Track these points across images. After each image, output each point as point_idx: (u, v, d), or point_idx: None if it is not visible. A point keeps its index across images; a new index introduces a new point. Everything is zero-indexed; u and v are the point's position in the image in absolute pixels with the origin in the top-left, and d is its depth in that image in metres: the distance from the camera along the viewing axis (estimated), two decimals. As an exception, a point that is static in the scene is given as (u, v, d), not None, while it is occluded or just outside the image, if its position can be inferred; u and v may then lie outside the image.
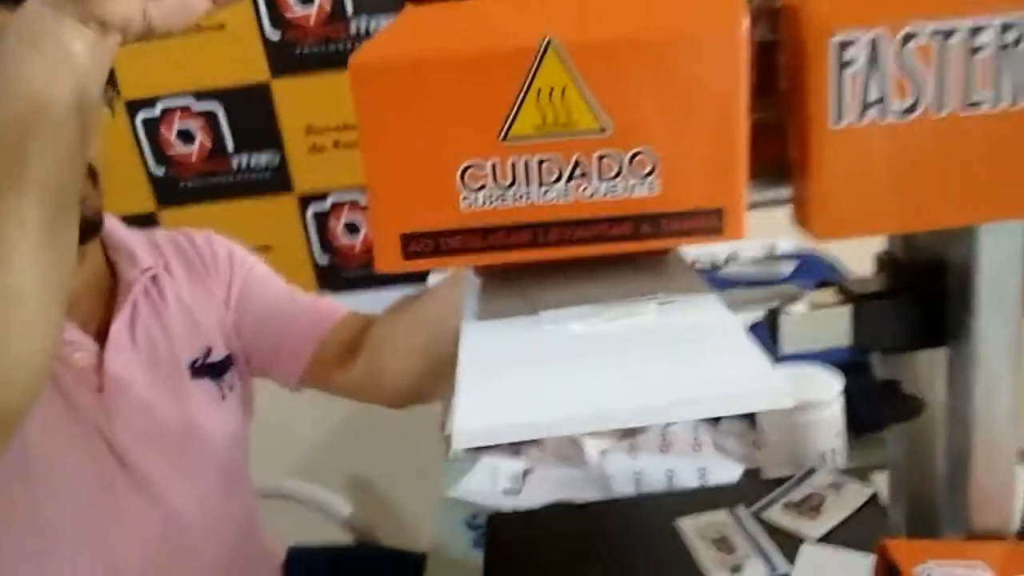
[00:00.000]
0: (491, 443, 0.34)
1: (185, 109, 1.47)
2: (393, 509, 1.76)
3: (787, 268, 1.17)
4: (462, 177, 0.37)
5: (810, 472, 0.74)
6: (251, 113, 1.47)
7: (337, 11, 1.40)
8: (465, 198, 0.38)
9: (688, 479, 0.81)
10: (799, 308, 0.48)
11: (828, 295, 0.50)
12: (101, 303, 0.82)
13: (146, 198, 1.52)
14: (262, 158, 1.49)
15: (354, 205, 1.52)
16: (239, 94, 1.45)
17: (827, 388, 0.78)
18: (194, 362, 0.84)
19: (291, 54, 1.43)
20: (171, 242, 0.89)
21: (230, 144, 1.49)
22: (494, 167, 0.37)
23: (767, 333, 0.52)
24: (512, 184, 0.38)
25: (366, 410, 1.56)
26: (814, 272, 1.15)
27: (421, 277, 1.28)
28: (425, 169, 0.38)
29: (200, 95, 1.46)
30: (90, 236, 0.76)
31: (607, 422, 0.34)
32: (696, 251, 1.36)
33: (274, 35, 1.42)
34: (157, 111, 1.46)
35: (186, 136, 1.49)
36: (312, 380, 0.90)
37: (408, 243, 0.39)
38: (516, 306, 0.43)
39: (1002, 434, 0.46)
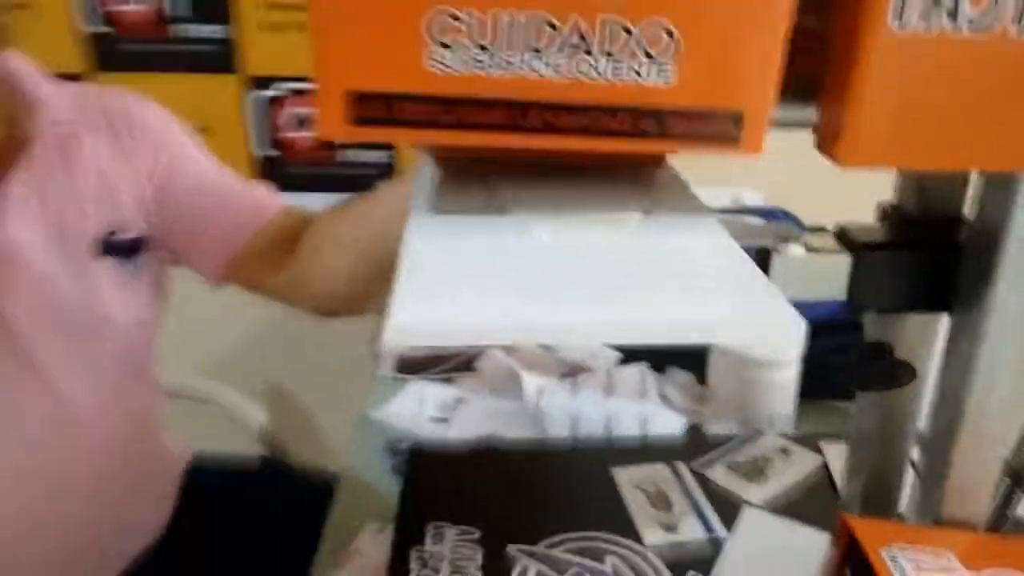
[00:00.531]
0: (425, 343, 0.27)
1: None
2: (310, 425, 1.70)
3: (756, 221, 1.12)
4: (430, 28, 0.30)
5: (757, 433, 0.70)
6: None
7: None
8: (432, 56, 0.30)
9: (628, 427, 0.76)
10: (795, 250, 0.42)
11: (826, 240, 0.44)
12: (4, 152, 0.71)
13: (76, 57, 1.37)
14: (206, 29, 1.36)
15: (308, 95, 1.41)
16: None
17: (787, 347, 0.73)
18: (104, 237, 0.75)
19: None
20: (101, 103, 0.78)
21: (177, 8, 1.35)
22: (473, 19, 0.30)
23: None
24: (492, 44, 0.30)
25: (293, 316, 1.48)
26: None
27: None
28: (385, 11, 0.30)
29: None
30: None
31: (564, 335, 0.28)
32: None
33: None
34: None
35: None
36: (235, 277, 0.81)
37: (357, 104, 0.31)
38: (477, 203, 0.36)
39: (995, 423, 0.41)
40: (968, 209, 0.44)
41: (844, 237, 0.43)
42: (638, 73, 0.30)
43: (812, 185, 0.85)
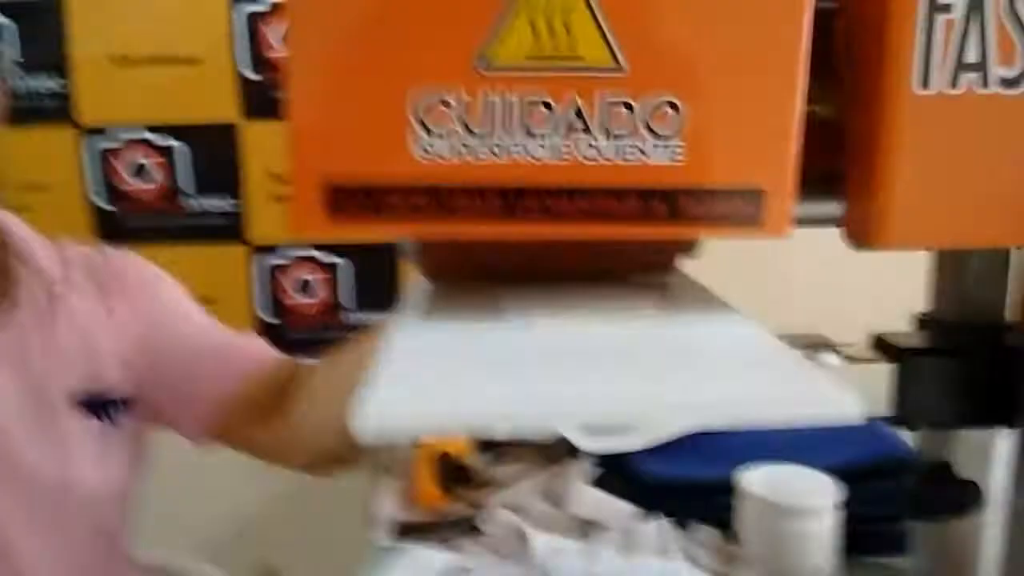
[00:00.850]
0: (401, 429, 0.23)
1: (143, 142, 1.37)
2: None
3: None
4: (420, 114, 0.28)
5: (800, 593, 0.62)
6: (214, 154, 1.37)
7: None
8: (422, 144, 0.28)
9: (653, 591, 0.68)
10: (830, 360, 0.38)
11: (861, 349, 0.40)
12: None
13: (84, 231, 1.40)
14: (217, 202, 1.39)
15: (311, 261, 1.41)
16: (204, 132, 1.37)
17: (823, 494, 0.67)
18: (77, 393, 0.71)
19: (266, 96, 1.35)
20: (82, 257, 0.77)
21: (187, 185, 1.39)
22: (464, 104, 0.28)
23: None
24: (488, 130, 0.28)
25: (283, 487, 1.40)
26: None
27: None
28: (370, 98, 0.28)
29: (159, 129, 1.37)
30: None
31: (567, 419, 0.23)
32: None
33: (251, 74, 1.35)
34: (114, 142, 1.37)
35: (140, 171, 1.38)
36: (222, 434, 0.76)
37: (336, 197, 0.28)
38: (471, 307, 0.33)
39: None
40: (1009, 313, 0.40)
41: (882, 344, 0.39)
42: (643, 152, 0.28)
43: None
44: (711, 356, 0.28)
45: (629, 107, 0.28)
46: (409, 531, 0.85)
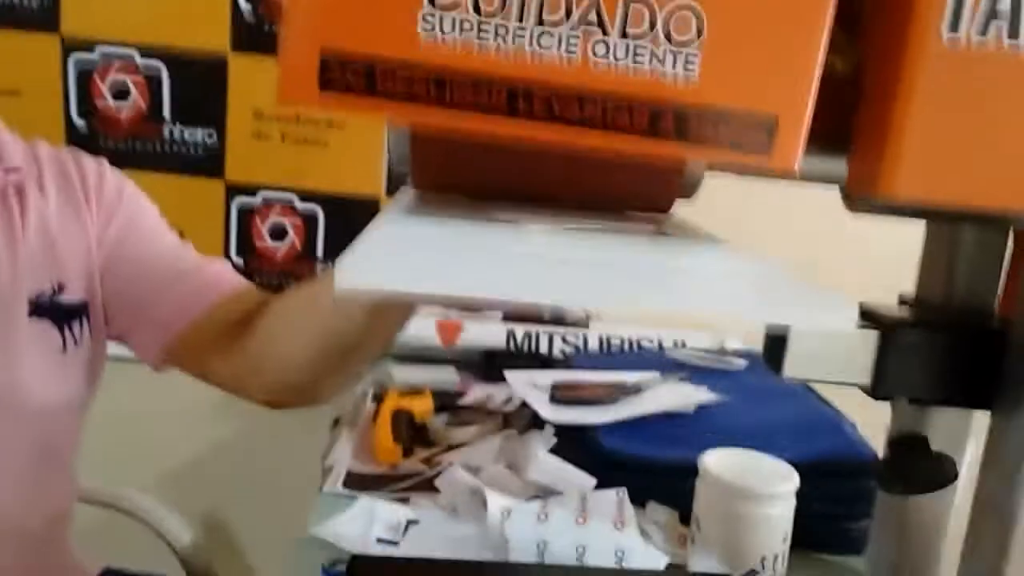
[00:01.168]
0: (380, 287, 0.21)
1: (128, 60, 1.33)
2: (242, 546, 1.55)
3: (740, 363, 1.07)
4: (427, -9, 0.26)
5: (751, 573, 0.61)
6: (198, 82, 1.34)
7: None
8: (426, 22, 0.26)
9: (602, 560, 0.67)
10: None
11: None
12: None
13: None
14: (198, 133, 1.36)
15: (286, 206, 1.38)
16: (190, 57, 1.33)
17: (782, 482, 0.66)
18: (38, 296, 0.68)
19: (258, 31, 1.32)
20: (54, 157, 0.74)
21: (167, 111, 1.35)
22: (477, -19, 0.26)
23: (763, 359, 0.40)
24: (498, 15, 0.26)
25: (236, 418, 1.38)
26: (768, 374, 1.06)
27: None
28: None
29: (146, 53, 1.33)
30: None
31: (546, 294, 0.22)
32: (640, 331, 1.26)
33: (247, 10, 1.31)
34: (95, 56, 1.32)
35: (121, 93, 1.34)
36: (180, 359, 0.74)
37: (328, 67, 0.27)
38: (464, 209, 0.31)
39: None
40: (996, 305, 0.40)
41: (869, 315, 0.38)
42: (658, 60, 0.26)
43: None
44: (708, 271, 0.27)
45: (651, 11, 0.26)
46: (363, 483, 0.84)
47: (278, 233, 1.39)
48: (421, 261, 0.23)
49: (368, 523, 0.76)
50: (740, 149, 0.27)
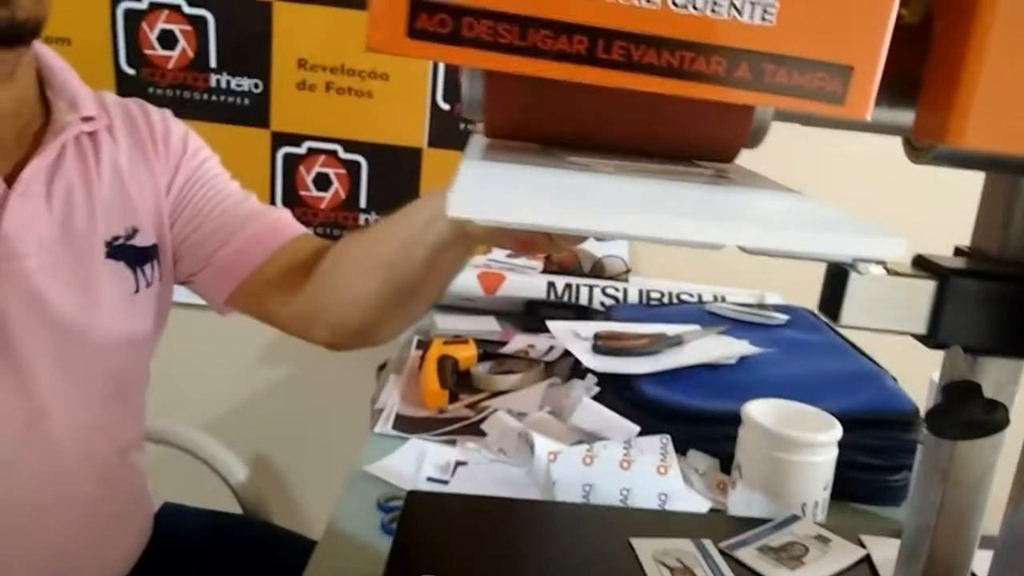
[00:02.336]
0: (495, 216, 0.23)
1: (175, 9, 1.34)
2: (295, 484, 1.61)
3: (781, 317, 1.08)
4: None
5: (792, 519, 0.63)
6: (244, 30, 1.35)
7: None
8: (511, -32, 0.27)
9: (646, 502, 0.69)
10: (876, 270, 0.37)
11: (904, 265, 0.40)
12: (23, 141, 0.68)
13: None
14: (244, 83, 1.37)
15: (331, 156, 1.40)
16: (236, 5, 1.34)
17: (824, 428, 0.67)
18: (114, 240, 0.71)
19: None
20: (121, 106, 0.76)
21: (213, 60, 1.37)
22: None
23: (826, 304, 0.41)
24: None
25: (287, 363, 1.42)
26: (809, 329, 1.06)
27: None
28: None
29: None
30: (16, 42, 0.63)
31: (648, 228, 0.23)
32: (679, 285, 1.27)
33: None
34: (143, 3, 1.34)
35: (168, 39, 1.36)
36: (244, 302, 0.77)
37: (418, 14, 0.28)
38: (537, 154, 0.32)
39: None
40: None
41: (924, 263, 0.39)
42: (738, 9, 0.27)
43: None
44: (764, 209, 0.28)
45: (732, -44, 0.27)
46: (411, 425, 0.86)
47: (322, 183, 1.41)
48: (519, 195, 0.25)
49: (418, 462, 0.78)
50: (815, 97, 0.28)
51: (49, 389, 0.68)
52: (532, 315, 1.20)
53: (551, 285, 1.24)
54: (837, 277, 0.38)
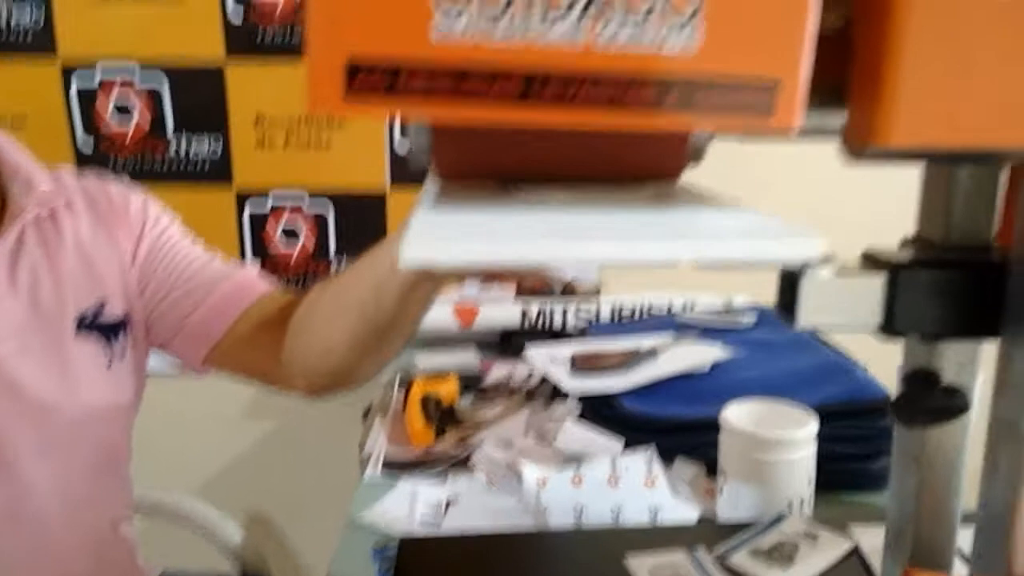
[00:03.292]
0: (443, 264, 0.24)
1: (127, 85, 1.35)
2: (291, 542, 1.59)
3: (749, 319, 1.09)
4: (437, -5, 0.28)
5: (779, 518, 0.64)
6: (199, 95, 1.36)
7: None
8: (438, 24, 0.28)
9: (637, 517, 0.70)
10: (825, 272, 0.39)
11: (853, 265, 0.41)
12: None
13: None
14: (203, 146, 1.38)
15: (296, 209, 1.41)
16: (189, 72, 1.35)
17: (800, 425, 0.69)
18: (83, 317, 0.71)
19: (251, 38, 1.33)
20: (79, 182, 0.76)
21: (170, 126, 1.37)
22: (483, -14, 0.28)
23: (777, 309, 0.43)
24: (505, 11, 0.28)
25: (270, 418, 1.41)
26: (777, 327, 1.08)
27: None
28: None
29: (145, 68, 1.35)
30: None
31: (592, 254, 0.25)
32: (649, 297, 1.28)
33: (236, 16, 1.33)
34: (96, 78, 1.34)
35: (123, 111, 1.36)
36: (219, 361, 0.77)
37: (355, 74, 0.29)
38: (489, 191, 0.34)
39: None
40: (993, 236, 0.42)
41: (872, 259, 0.40)
42: (662, 37, 0.29)
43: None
44: (698, 224, 0.30)
45: (647, -8, 0.28)
46: (401, 467, 0.87)
47: (290, 236, 1.42)
48: (470, 235, 0.26)
49: (410, 505, 0.79)
50: (743, 113, 0.29)
51: (33, 470, 0.68)
52: (509, 343, 1.21)
53: (525, 312, 1.25)
54: (789, 281, 0.40)
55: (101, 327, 0.72)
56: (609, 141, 0.34)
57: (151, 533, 1.08)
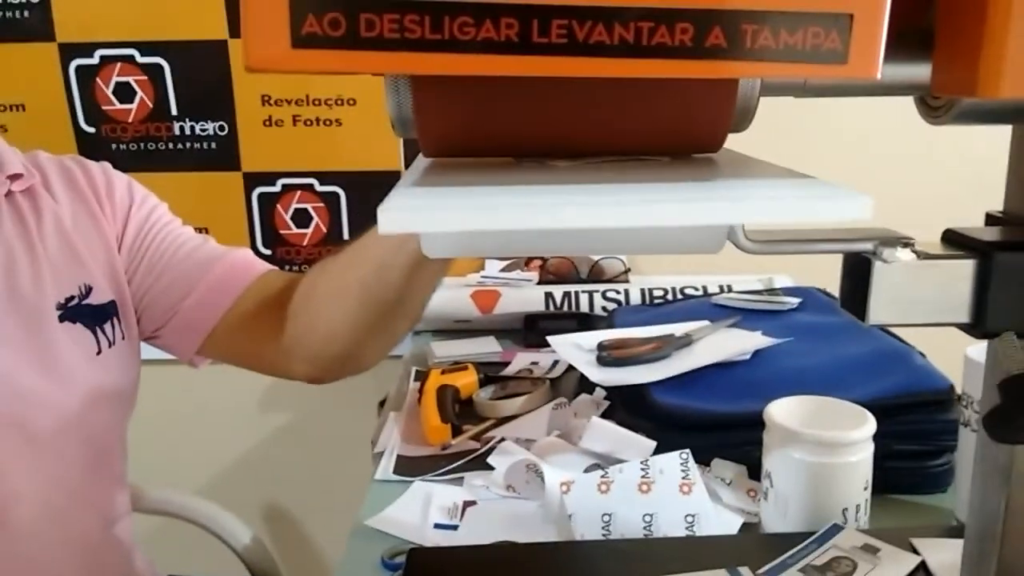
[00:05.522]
0: (426, 228, 0.20)
1: (128, 60, 1.29)
2: (302, 543, 1.55)
3: (792, 301, 1.02)
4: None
5: (834, 529, 0.57)
6: (202, 74, 1.30)
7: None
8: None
9: (672, 528, 0.63)
10: (903, 255, 0.32)
11: (934, 245, 0.34)
12: None
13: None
14: (209, 127, 1.32)
15: (307, 190, 1.35)
16: (191, 50, 1.29)
17: (856, 424, 0.61)
18: (67, 301, 0.66)
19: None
20: (56, 163, 0.72)
21: (174, 107, 1.32)
22: None
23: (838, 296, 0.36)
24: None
25: (280, 411, 1.36)
26: (823, 308, 1.00)
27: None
28: None
29: (146, 47, 1.29)
30: None
31: (594, 219, 0.19)
32: (682, 280, 1.21)
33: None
34: (95, 59, 1.29)
35: (125, 92, 1.31)
36: (215, 350, 0.72)
37: (303, 19, 0.22)
38: (484, 166, 0.27)
39: None
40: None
41: (955, 237, 0.33)
42: (701, -40, 0.22)
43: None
44: (739, 180, 0.24)
45: None
46: (414, 467, 0.81)
47: (302, 219, 1.36)
48: (455, 201, 0.21)
49: (424, 508, 0.73)
50: (810, 59, 0.22)
51: (15, 474, 0.64)
52: (532, 330, 1.14)
53: (549, 296, 1.18)
54: (857, 269, 0.33)
55: (87, 313, 0.67)
56: (631, 103, 0.27)
57: (158, 533, 1.04)
